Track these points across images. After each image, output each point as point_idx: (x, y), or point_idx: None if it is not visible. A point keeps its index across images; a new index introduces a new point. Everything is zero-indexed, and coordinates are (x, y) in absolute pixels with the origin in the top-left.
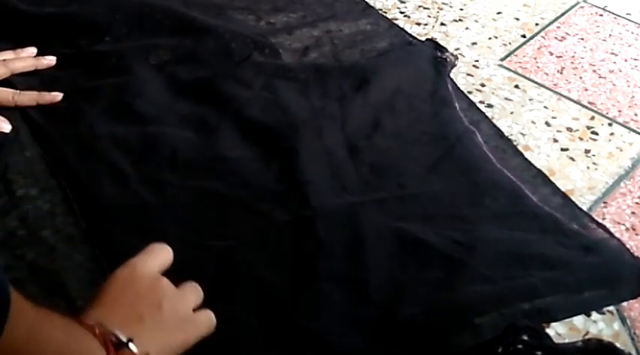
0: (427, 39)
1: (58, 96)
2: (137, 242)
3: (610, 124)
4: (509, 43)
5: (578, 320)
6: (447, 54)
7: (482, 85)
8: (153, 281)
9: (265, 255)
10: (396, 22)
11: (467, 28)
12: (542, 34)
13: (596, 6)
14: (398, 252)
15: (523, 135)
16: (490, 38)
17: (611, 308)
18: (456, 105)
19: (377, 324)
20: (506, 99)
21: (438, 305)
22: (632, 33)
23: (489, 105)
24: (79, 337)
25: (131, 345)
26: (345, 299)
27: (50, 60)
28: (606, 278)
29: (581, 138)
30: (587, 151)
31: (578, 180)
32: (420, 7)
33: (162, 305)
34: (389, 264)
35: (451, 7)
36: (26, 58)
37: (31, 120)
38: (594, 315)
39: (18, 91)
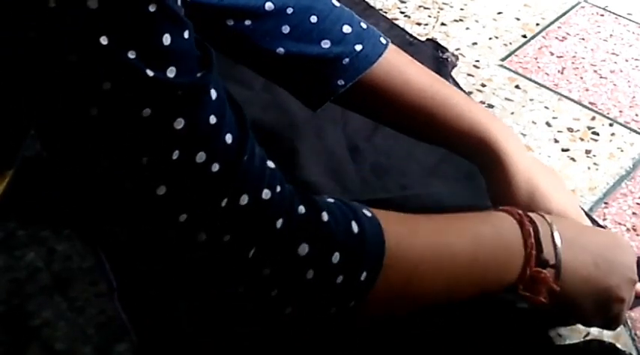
0: (427, 39)
1: None
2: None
3: (611, 125)
4: (510, 43)
5: None
6: (448, 54)
7: (483, 85)
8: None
9: None
10: (396, 22)
11: (467, 28)
12: (543, 34)
13: (597, 6)
14: None
15: (524, 135)
16: (491, 38)
17: None
18: None
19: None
20: (506, 99)
21: (439, 306)
22: (633, 33)
23: (490, 106)
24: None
25: (556, 234)
26: None
27: None
28: None
29: (582, 139)
30: (587, 152)
31: (579, 180)
32: (420, 7)
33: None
34: None
35: (451, 7)
36: None
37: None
38: None
39: None
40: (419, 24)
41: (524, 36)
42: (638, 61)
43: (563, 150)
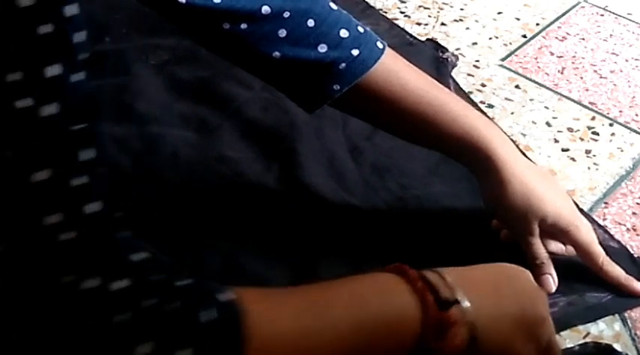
0: (428, 39)
1: None
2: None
3: (611, 124)
4: (510, 43)
5: None
6: (448, 54)
7: (483, 85)
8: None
9: (267, 256)
10: (396, 22)
11: (467, 28)
12: (543, 34)
13: (597, 6)
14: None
15: (524, 135)
16: (491, 38)
17: None
18: None
19: None
20: (506, 99)
21: None
22: (633, 33)
23: (490, 106)
24: (383, 290)
25: (445, 274)
26: None
27: None
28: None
29: (582, 139)
30: (587, 151)
31: (578, 180)
32: (420, 7)
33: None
34: None
35: (452, 7)
36: None
37: None
38: None
39: None
40: (419, 24)
41: (524, 36)
42: (638, 61)
43: (563, 150)
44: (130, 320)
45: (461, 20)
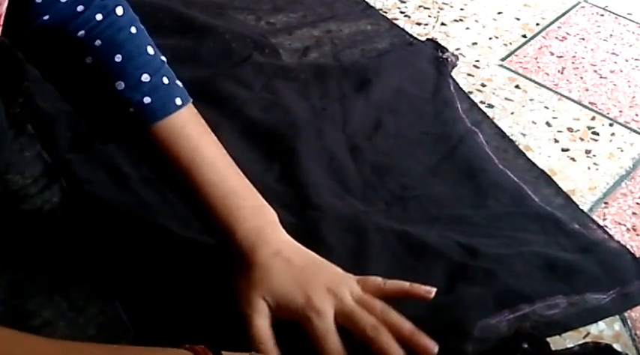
0: (427, 39)
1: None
2: (137, 240)
3: (611, 124)
4: (510, 43)
5: None
6: (448, 54)
7: (483, 85)
8: None
9: None
10: (396, 22)
11: (467, 28)
12: (543, 34)
13: (597, 6)
14: (401, 255)
15: (524, 135)
16: (491, 38)
17: None
18: (458, 105)
19: None
20: (506, 99)
21: (440, 308)
22: (633, 33)
23: (490, 106)
24: None
25: None
26: None
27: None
28: (607, 280)
29: (582, 139)
30: (588, 151)
31: (579, 180)
32: (420, 7)
33: None
34: (392, 267)
35: (452, 7)
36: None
37: (32, 120)
38: None
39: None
40: (419, 24)
41: (524, 36)
42: (638, 61)
43: (563, 150)
44: None
45: (461, 20)
